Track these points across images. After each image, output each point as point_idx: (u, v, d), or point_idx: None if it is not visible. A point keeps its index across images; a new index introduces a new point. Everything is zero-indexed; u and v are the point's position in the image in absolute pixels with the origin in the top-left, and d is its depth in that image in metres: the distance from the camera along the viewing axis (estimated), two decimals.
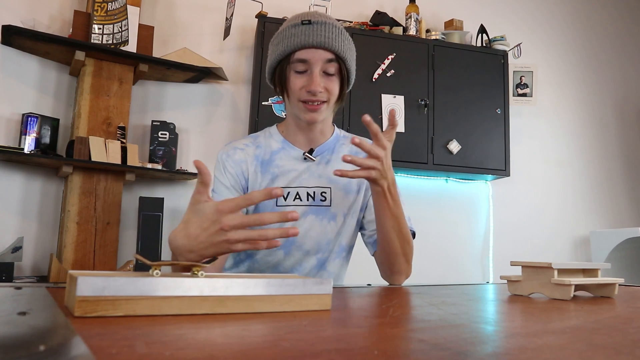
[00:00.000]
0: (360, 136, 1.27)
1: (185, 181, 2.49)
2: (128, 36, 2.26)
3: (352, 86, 1.17)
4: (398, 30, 2.83)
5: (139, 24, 2.36)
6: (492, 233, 3.07)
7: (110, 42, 2.22)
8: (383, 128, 2.70)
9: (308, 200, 1.15)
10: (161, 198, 2.25)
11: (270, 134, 1.21)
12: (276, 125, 1.24)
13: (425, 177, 2.97)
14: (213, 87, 2.66)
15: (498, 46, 2.98)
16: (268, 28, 2.54)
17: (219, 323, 0.48)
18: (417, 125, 2.72)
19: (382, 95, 2.69)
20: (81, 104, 2.21)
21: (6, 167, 2.19)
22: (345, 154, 0.96)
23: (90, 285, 0.47)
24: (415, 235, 1.16)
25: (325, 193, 1.16)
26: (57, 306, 0.53)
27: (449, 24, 3.02)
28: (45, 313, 0.50)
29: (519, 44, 3.03)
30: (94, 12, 2.21)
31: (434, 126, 2.74)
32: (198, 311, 0.52)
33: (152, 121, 2.42)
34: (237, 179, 1.15)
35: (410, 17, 2.87)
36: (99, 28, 2.21)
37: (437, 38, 2.87)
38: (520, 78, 3.07)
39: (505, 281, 0.94)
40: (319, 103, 1.08)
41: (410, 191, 2.88)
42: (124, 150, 2.21)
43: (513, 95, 3.04)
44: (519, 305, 0.75)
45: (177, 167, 2.44)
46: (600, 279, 0.88)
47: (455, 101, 2.81)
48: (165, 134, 2.41)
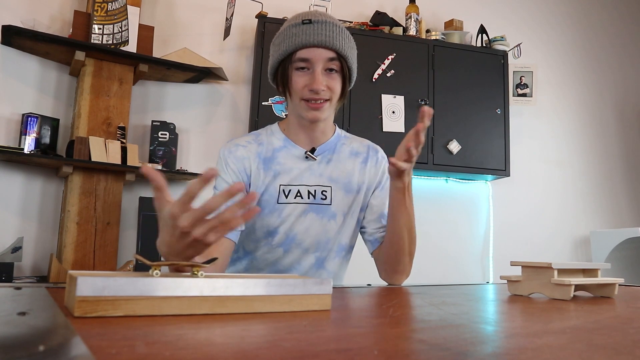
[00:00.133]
0: (363, 136, 1.29)
1: (185, 181, 2.49)
2: (128, 36, 2.26)
3: (352, 86, 1.17)
4: (398, 30, 2.83)
5: (139, 24, 2.36)
6: (492, 233, 3.07)
7: (110, 42, 2.22)
8: (383, 128, 2.72)
9: (309, 198, 1.15)
10: None
11: (272, 132, 1.22)
12: (277, 123, 1.24)
13: (425, 177, 2.97)
14: (213, 87, 2.66)
15: (498, 46, 2.98)
16: (268, 28, 2.54)
17: (219, 323, 0.48)
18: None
19: (382, 95, 2.69)
20: (81, 104, 2.21)
21: (6, 167, 2.19)
22: (391, 157, 0.98)
23: (90, 285, 0.47)
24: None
25: (325, 192, 1.16)
26: (57, 306, 0.53)
27: (449, 24, 3.02)
28: (45, 313, 0.50)
29: (519, 44, 3.03)
30: (94, 12, 2.21)
31: (434, 126, 2.74)
32: (198, 311, 0.52)
33: (152, 121, 2.42)
34: (239, 176, 1.14)
35: (410, 17, 2.86)
36: (99, 28, 2.21)
37: (437, 38, 2.87)
38: (520, 78, 3.07)
39: (505, 281, 0.94)
40: (322, 101, 1.09)
41: None
42: (124, 150, 2.21)
43: (513, 95, 3.04)
44: (519, 305, 0.75)
45: (177, 167, 2.44)
46: (600, 279, 0.88)
47: (455, 101, 2.81)
48: (165, 134, 2.41)
